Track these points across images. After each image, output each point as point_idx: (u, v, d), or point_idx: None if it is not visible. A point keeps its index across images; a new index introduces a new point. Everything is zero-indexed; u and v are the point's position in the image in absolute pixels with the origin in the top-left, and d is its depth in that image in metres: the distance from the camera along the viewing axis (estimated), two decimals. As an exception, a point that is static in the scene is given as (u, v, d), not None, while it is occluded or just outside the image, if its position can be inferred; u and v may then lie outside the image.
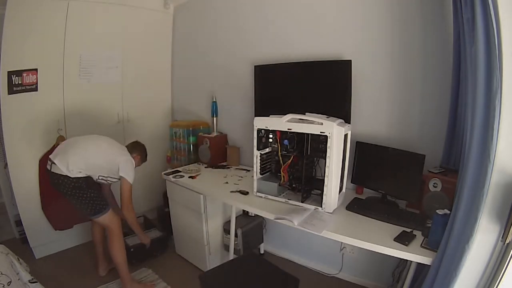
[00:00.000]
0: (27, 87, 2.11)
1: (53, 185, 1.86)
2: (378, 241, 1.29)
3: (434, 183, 1.47)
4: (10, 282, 1.35)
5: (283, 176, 1.75)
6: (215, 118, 2.59)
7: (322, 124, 1.50)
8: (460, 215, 1.06)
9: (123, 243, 1.97)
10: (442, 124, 1.56)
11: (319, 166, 1.75)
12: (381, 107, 1.81)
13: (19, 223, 2.36)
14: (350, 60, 1.75)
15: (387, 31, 1.72)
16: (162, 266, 2.29)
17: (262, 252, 2.45)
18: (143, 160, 2.18)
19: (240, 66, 2.43)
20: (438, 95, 1.60)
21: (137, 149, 2.10)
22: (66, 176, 1.79)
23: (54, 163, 1.80)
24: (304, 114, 1.63)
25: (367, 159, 1.76)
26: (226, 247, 2.18)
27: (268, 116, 1.71)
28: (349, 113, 1.79)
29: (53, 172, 1.81)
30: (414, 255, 1.21)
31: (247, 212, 2.32)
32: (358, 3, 1.80)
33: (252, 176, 1.84)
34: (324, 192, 1.54)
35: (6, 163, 2.18)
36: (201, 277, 1.49)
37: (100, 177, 1.92)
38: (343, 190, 1.71)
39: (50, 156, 1.85)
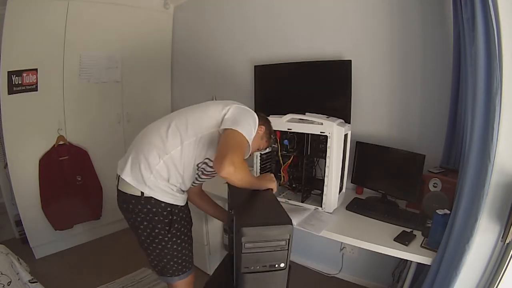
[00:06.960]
0: (27, 87, 2.10)
1: (121, 210, 1.24)
2: (378, 241, 1.29)
3: (434, 183, 1.47)
4: (10, 282, 1.35)
5: (283, 176, 1.74)
6: (215, 118, 2.59)
7: (322, 124, 1.50)
8: (460, 215, 1.06)
9: None
10: (442, 124, 1.56)
11: (319, 166, 1.75)
12: (381, 107, 1.81)
13: (19, 223, 2.35)
14: (350, 60, 1.75)
15: (387, 31, 1.72)
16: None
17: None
18: (268, 139, 1.40)
19: (240, 66, 2.42)
20: (438, 95, 1.60)
21: (263, 119, 1.37)
22: (140, 197, 1.13)
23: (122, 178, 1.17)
24: (304, 114, 1.63)
25: (367, 159, 1.76)
26: (226, 247, 2.18)
27: (268, 116, 1.70)
28: (349, 113, 1.79)
29: (120, 191, 1.20)
30: (414, 255, 1.21)
31: (247, 212, 2.31)
32: (358, 3, 1.80)
33: (252, 176, 1.84)
34: (324, 192, 1.54)
35: (6, 163, 2.17)
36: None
37: (201, 163, 1.18)
38: (343, 190, 1.71)
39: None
